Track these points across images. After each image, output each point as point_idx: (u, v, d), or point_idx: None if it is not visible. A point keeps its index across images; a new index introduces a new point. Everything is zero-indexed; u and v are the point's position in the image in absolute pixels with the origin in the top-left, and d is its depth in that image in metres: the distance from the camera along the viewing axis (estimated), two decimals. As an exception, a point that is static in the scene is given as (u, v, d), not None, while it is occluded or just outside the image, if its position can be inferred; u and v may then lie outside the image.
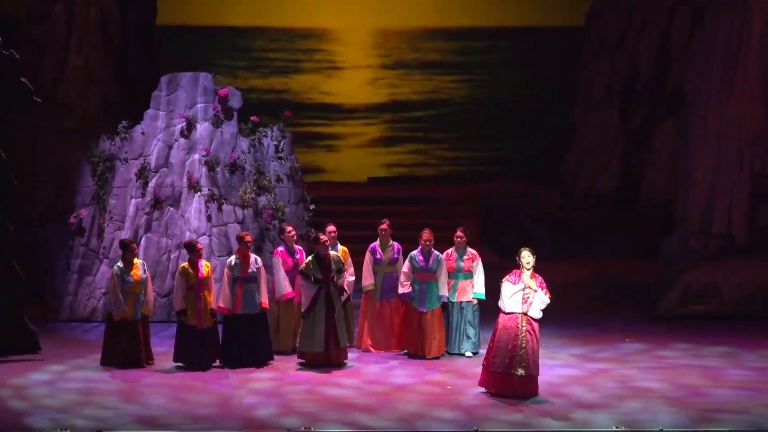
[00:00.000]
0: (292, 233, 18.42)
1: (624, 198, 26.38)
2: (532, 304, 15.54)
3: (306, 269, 17.40)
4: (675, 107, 24.47)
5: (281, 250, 18.25)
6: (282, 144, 21.16)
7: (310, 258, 17.47)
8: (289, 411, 14.96)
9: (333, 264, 17.47)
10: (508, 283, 15.67)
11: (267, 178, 20.88)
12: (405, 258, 18.17)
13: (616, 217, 25.81)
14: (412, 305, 17.96)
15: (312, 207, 21.22)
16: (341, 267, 17.62)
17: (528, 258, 15.69)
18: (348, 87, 29.72)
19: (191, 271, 17.21)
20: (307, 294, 17.36)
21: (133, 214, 20.72)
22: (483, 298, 18.08)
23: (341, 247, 18.29)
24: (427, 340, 17.85)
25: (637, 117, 26.70)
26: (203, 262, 17.43)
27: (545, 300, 15.61)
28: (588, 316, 21.13)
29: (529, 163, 28.68)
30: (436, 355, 17.85)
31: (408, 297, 17.96)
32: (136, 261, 17.44)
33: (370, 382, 16.54)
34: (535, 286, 15.61)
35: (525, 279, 15.63)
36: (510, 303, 15.58)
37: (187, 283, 17.17)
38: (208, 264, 17.61)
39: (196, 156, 20.85)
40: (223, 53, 29.32)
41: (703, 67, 21.99)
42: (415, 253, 18.02)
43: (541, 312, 15.60)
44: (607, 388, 16.18)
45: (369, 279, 18.36)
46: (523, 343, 15.45)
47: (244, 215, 20.70)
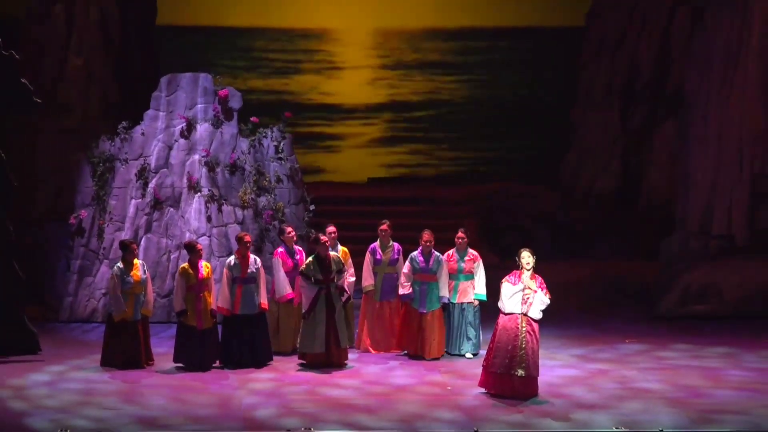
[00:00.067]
0: (292, 234, 18.41)
1: (624, 198, 26.36)
2: (532, 304, 15.53)
3: (306, 270, 17.38)
4: (675, 107, 24.46)
5: (281, 250, 18.24)
6: (282, 145, 21.15)
7: (311, 259, 17.46)
8: (289, 411, 14.96)
9: (333, 264, 17.45)
10: (507, 283, 15.66)
11: (267, 179, 20.88)
12: (405, 259, 18.17)
13: (616, 217, 25.79)
14: (413, 306, 17.96)
15: (312, 207, 21.21)
16: (341, 267, 17.60)
17: (528, 259, 15.68)
18: (348, 87, 29.70)
19: (191, 272, 17.20)
20: (307, 295, 17.35)
21: (133, 214, 20.71)
22: (484, 299, 18.06)
23: (342, 248, 18.28)
24: (427, 341, 17.85)
25: (637, 117, 26.68)
26: (203, 263, 17.42)
27: (545, 301, 15.60)
28: (588, 317, 21.12)
29: (529, 164, 28.66)
30: (435, 355, 17.85)
31: (408, 298, 17.95)
32: (136, 262, 17.43)
33: (370, 382, 16.54)
34: (535, 286, 15.60)
35: (525, 280, 15.61)
36: (509, 304, 15.57)
37: (187, 284, 17.16)
38: (208, 265, 17.59)
39: (196, 157, 20.84)
40: (223, 54, 29.29)
41: (703, 67, 21.98)
42: (415, 254, 18.01)
43: (541, 313, 15.59)
44: (607, 388, 16.18)
45: (369, 279, 18.34)
46: (523, 343, 15.44)
47: (244, 216, 20.69)
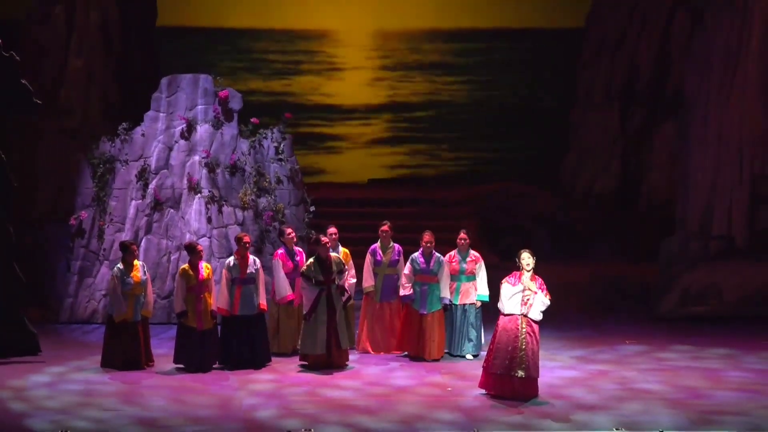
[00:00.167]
0: (292, 235, 18.40)
1: (624, 199, 26.38)
2: (532, 306, 15.52)
3: (307, 271, 17.37)
4: (675, 108, 24.46)
5: (281, 252, 18.23)
6: (282, 146, 21.16)
7: (311, 260, 17.45)
8: (289, 412, 14.96)
9: (334, 266, 17.44)
10: (507, 284, 15.65)
11: (267, 180, 20.89)
12: (405, 260, 18.17)
13: (615, 218, 25.81)
14: (413, 307, 17.96)
15: (312, 209, 21.21)
16: (342, 268, 17.59)
17: (528, 260, 15.67)
18: (348, 88, 29.73)
19: (191, 273, 17.20)
20: (308, 296, 17.33)
21: (134, 215, 20.72)
22: (487, 300, 18.01)
23: (343, 249, 18.26)
24: (427, 342, 17.84)
25: (637, 118, 26.70)
26: (203, 264, 17.41)
27: (545, 302, 15.60)
28: (588, 318, 21.13)
29: (528, 164, 28.69)
30: (435, 357, 17.84)
31: (409, 299, 17.95)
32: (136, 263, 17.43)
33: (371, 383, 16.53)
34: (535, 287, 15.59)
35: (525, 281, 15.61)
36: (509, 304, 15.56)
37: (187, 285, 17.16)
38: (209, 266, 17.59)
39: (197, 158, 20.85)
40: (224, 55, 29.32)
41: (703, 68, 21.99)
42: (416, 255, 18.01)
43: (541, 314, 15.59)
44: (607, 389, 16.17)
45: (369, 280, 18.34)
46: (523, 344, 15.44)
47: (245, 217, 20.70)
